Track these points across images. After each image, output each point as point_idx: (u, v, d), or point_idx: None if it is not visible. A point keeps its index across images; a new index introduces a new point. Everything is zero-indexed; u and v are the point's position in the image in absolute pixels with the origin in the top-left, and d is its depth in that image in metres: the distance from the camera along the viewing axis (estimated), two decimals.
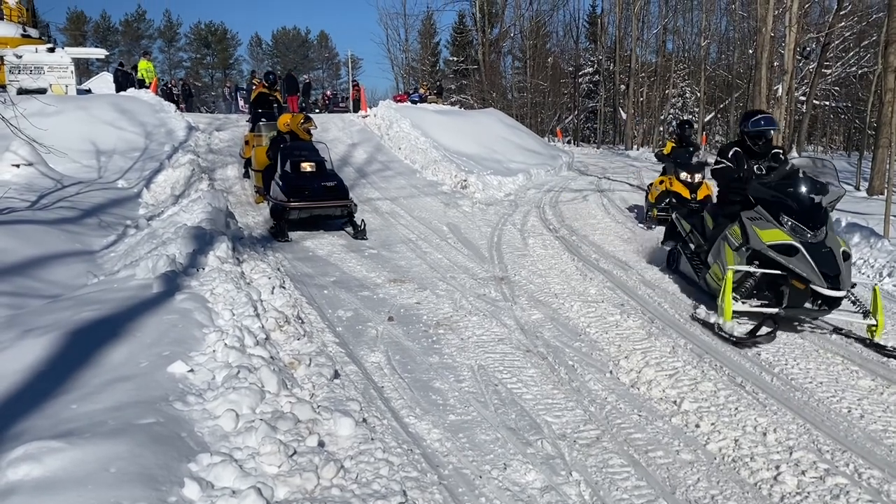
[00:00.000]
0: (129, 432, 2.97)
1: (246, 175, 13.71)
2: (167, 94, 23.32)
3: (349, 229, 9.86)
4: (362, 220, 9.78)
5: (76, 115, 14.51)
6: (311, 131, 10.91)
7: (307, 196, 9.53)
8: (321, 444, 3.37)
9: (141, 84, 21.01)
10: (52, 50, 18.36)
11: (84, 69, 37.21)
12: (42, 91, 16.36)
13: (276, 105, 14.36)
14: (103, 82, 24.31)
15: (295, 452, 3.17)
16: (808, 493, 3.37)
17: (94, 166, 12.67)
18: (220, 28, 71.58)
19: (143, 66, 22.73)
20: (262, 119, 14.14)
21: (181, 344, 4.17)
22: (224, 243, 6.73)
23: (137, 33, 67.76)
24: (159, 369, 3.75)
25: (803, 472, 3.54)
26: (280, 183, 9.72)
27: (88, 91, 20.41)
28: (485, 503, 3.28)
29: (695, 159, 11.48)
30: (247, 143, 13.83)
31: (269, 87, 14.54)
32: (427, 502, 3.15)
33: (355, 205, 9.95)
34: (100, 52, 26.79)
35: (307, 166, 9.88)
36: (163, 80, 29.10)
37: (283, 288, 6.32)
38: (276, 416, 3.47)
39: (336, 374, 4.51)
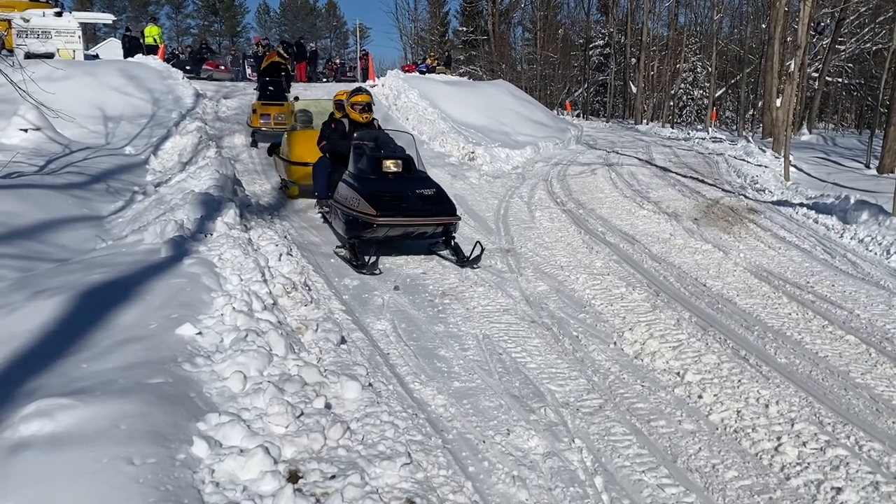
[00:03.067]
0: (138, 391, 3.02)
1: (253, 144, 13.51)
2: (174, 61, 23.19)
3: (444, 252, 7.33)
4: (477, 242, 7.17)
5: (84, 81, 14.45)
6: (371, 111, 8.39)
7: (401, 208, 6.77)
8: (328, 406, 3.42)
9: (149, 50, 20.88)
10: (59, 14, 18.22)
11: (91, 35, 36.99)
12: (50, 56, 16.27)
13: (284, 74, 14.19)
14: (111, 48, 24.11)
15: (302, 414, 3.22)
16: (809, 464, 3.41)
17: (102, 132, 12.66)
18: None
19: (151, 31, 22.58)
20: (270, 88, 13.97)
21: (189, 307, 4.21)
22: (232, 210, 6.75)
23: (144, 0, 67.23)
24: (168, 331, 3.79)
25: (804, 444, 3.58)
26: (356, 186, 7.00)
27: (96, 56, 20.29)
28: (488, 467, 3.33)
29: None
30: (254, 111, 13.60)
31: (286, 54, 14.47)
32: (431, 465, 3.19)
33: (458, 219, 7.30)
34: (107, 17, 26.55)
35: (392, 165, 7.25)
36: (170, 47, 28.93)
37: (291, 255, 6.34)
38: (283, 378, 3.52)
39: (342, 340, 4.55)
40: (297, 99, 13.69)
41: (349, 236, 6.90)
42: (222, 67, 25.50)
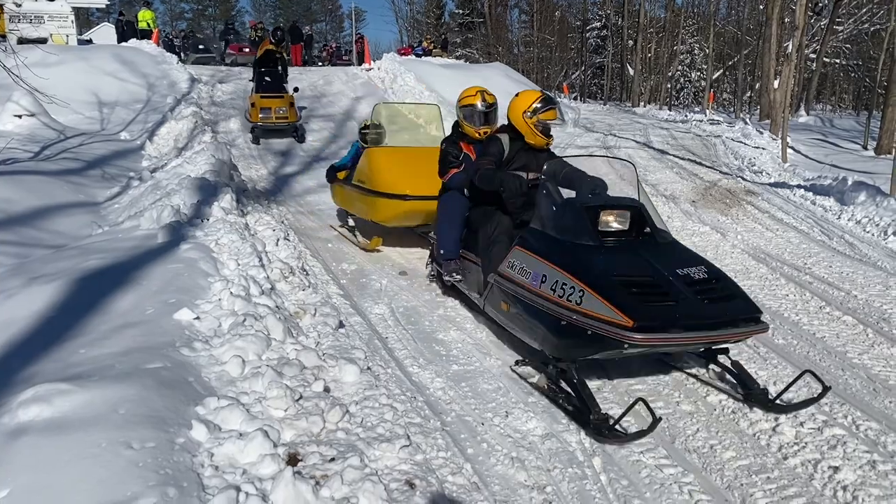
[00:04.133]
0: (136, 376, 3.01)
1: (255, 141, 12.81)
2: (168, 46, 23.03)
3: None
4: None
5: (78, 66, 14.36)
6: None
7: (672, 314, 3.50)
8: (327, 389, 3.42)
9: (143, 34, 20.73)
10: None
11: (84, 20, 36.72)
12: (43, 41, 16.18)
13: (280, 63, 13.58)
14: (105, 33, 24.02)
15: (301, 397, 3.22)
16: (806, 443, 3.42)
17: (97, 118, 12.60)
18: None
19: (144, 16, 22.40)
20: (266, 79, 13.17)
21: (187, 292, 4.20)
22: (228, 194, 6.73)
23: None
24: (166, 316, 3.78)
25: (801, 424, 3.59)
26: (564, 262, 3.89)
27: (89, 41, 20.17)
28: (487, 449, 3.33)
29: None
30: (252, 105, 12.91)
31: (277, 43, 13.81)
32: (430, 447, 3.20)
33: None
34: (100, 2, 26.33)
35: (615, 220, 4.15)
36: (164, 31, 28.70)
37: (288, 240, 6.33)
38: (282, 362, 3.52)
39: (341, 325, 4.55)
40: (296, 90, 13.23)
41: (557, 355, 3.90)
42: (247, 50, 23.02)
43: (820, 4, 28.05)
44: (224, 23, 30.26)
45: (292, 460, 2.80)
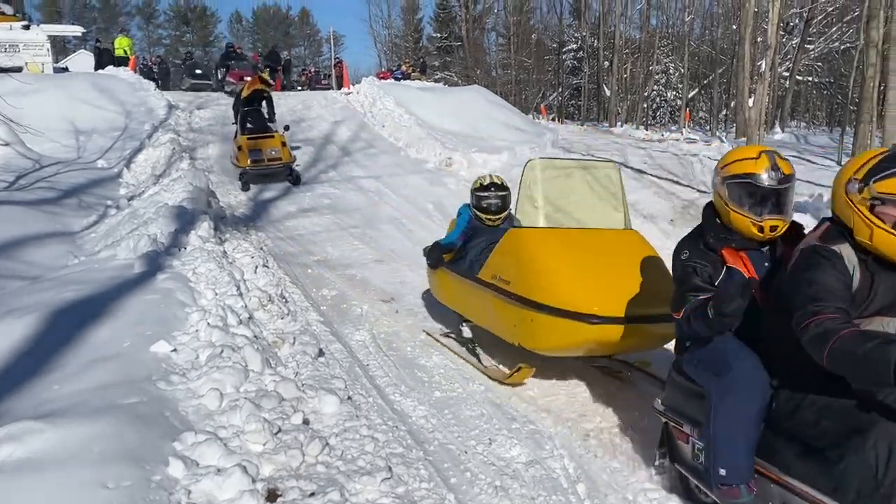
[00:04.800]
0: (112, 412, 2.95)
1: (245, 188, 11.29)
2: (146, 73, 22.96)
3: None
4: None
5: (54, 94, 14.24)
6: None
7: None
8: (306, 421, 3.37)
9: (120, 62, 20.66)
10: (27, 27, 17.99)
11: (61, 47, 36.58)
12: (18, 69, 16.07)
13: (268, 101, 12.45)
14: (81, 60, 23.91)
15: (280, 430, 3.17)
16: None
17: (73, 146, 12.48)
18: (200, 5, 70.53)
19: (121, 43, 22.36)
20: (249, 120, 11.91)
21: (164, 324, 4.14)
22: (206, 222, 6.68)
23: (115, 11, 66.57)
24: (142, 349, 3.72)
25: None
26: None
27: (65, 69, 20.07)
28: (470, 478, 3.30)
29: None
30: (240, 148, 11.57)
31: (269, 82, 12.52)
32: (412, 478, 3.16)
33: None
34: (76, 30, 26.27)
35: None
36: (141, 57, 28.64)
37: (267, 267, 6.29)
38: (260, 394, 3.46)
39: (321, 353, 4.51)
40: (287, 129, 12.23)
41: None
42: (248, 78, 19.92)
43: (791, 24, 28.61)
44: (225, 46, 26.87)
45: (271, 496, 2.75)
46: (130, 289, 4.68)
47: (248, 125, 12.02)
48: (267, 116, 12.58)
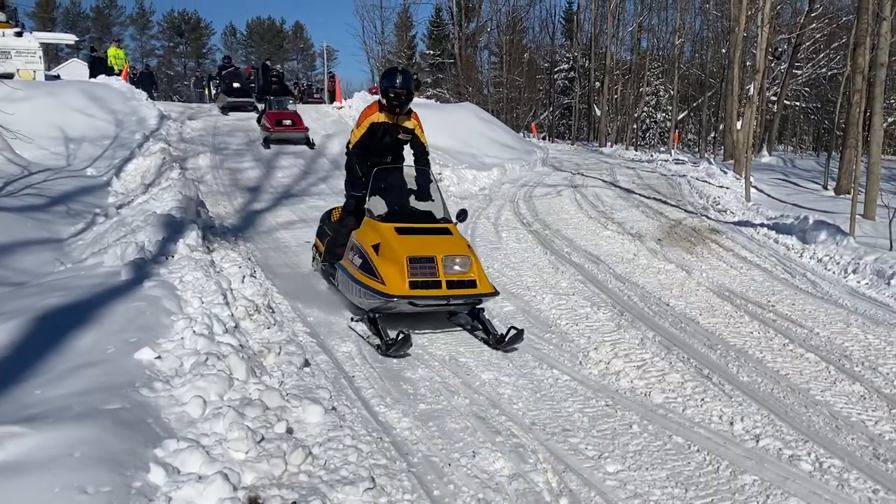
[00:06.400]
0: (94, 417, 2.94)
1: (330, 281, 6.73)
2: (136, 82, 22.92)
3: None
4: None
5: (45, 101, 14.23)
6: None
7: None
8: (289, 430, 3.37)
9: (111, 71, 20.65)
10: (19, 34, 18.01)
11: (53, 55, 36.52)
12: (9, 76, 16.01)
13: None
14: (74, 69, 23.86)
15: (263, 439, 3.16)
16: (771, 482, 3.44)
17: (63, 153, 12.44)
18: (194, 17, 70.66)
19: (113, 52, 22.36)
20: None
21: (149, 331, 4.13)
22: (194, 231, 6.66)
23: (108, 20, 66.58)
24: (126, 356, 3.71)
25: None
26: None
27: (57, 77, 20.04)
28: (453, 490, 3.29)
29: None
30: (332, 221, 6.96)
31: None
32: (395, 489, 3.15)
33: None
34: (69, 38, 26.31)
35: None
36: (134, 68, 28.59)
37: (254, 277, 6.27)
38: (244, 402, 3.46)
39: (306, 363, 4.50)
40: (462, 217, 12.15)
41: None
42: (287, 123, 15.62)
43: (779, 49, 28.98)
44: (222, 59, 23.40)
45: None
46: (116, 296, 4.67)
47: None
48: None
